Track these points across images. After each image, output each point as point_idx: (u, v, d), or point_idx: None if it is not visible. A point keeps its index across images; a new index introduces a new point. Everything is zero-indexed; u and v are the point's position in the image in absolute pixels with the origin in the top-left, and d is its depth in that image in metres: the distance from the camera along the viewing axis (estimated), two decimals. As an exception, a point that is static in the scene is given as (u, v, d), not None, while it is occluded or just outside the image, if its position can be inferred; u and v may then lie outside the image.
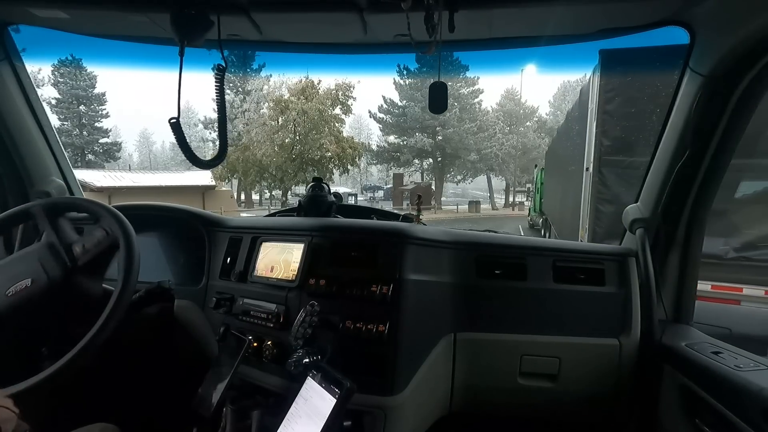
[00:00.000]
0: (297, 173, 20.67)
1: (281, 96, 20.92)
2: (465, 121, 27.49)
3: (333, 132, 20.74)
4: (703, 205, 1.23)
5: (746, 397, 0.89)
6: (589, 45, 1.20)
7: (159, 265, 1.56)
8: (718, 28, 1.01)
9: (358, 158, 23.52)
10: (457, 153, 27.84)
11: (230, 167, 20.08)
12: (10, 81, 1.44)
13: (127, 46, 1.33)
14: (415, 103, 27.53)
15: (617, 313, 1.28)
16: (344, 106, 21.57)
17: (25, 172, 1.55)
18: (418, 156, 28.94)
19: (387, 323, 1.09)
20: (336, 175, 22.77)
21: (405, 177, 30.00)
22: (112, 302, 0.94)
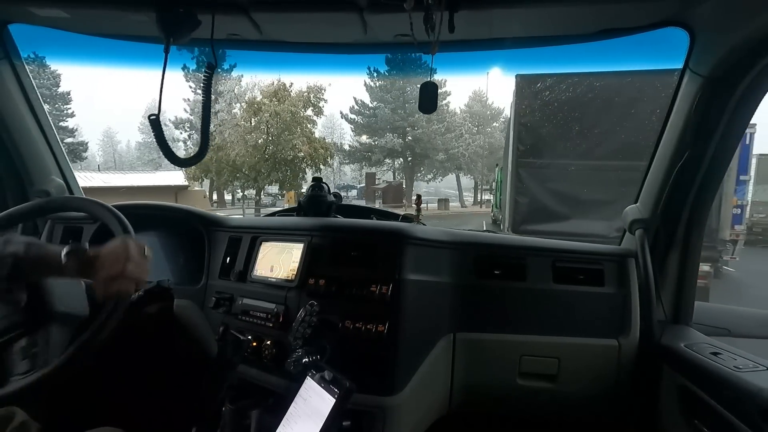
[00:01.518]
0: (270, 173, 21.06)
1: (254, 98, 21.32)
2: (433, 122, 28.22)
3: (305, 133, 21.23)
4: (702, 206, 1.23)
5: (745, 397, 0.89)
6: (590, 46, 1.20)
7: (158, 265, 1.56)
8: (718, 29, 1.01)
9: (330, 158, 24.06)
10: (426, 153, 28.68)
11: (203, 167, 20.39)
12: (10, 80, 1.44)
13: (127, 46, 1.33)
14: (385, 104, 28.30)
15: (616, 313, 1.28)
16: (315, 107, 22.07)
17: (24, 171, 1.55)
18: (389, 156, 29.65)
19: (386, 323, 1.09)
20: (309, 174, 23.08)
21: (377, 176, 30.59)
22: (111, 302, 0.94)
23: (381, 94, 28.71)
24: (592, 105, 4.67)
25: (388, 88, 28.21)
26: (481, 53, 1.30)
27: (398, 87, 28.24)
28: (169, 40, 0.98)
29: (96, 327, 0.90)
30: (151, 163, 36.65)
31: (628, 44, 1.17)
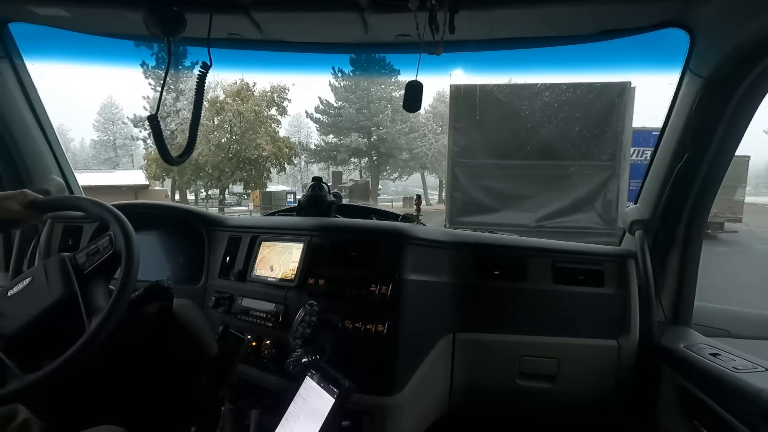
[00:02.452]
0: (234, 172, 20.88)
1: (216, 97, 21.14)
2: (397, 122, 28.40)
3: (269, 132, 21.15)
4: (702, 207, 1.23)
5: (744, 398, 0.89)
6: (589, 46, 1.20)
7: (158, 264, 1.56)
8: (718, 30, 1.01)
9: (295, 157, 24.11)
10: (390, 152, 28.81)
11: (165, 166, 19.96)
12: (10, 79, 1.43)
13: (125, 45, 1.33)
14: (350, 104, 28.37)
15: (616, 314, 1.28)
16: (279, 107, 22.00)
17: (24, 169, 1.55)
18: (354, 155, 29.74)
19: (386, 323, 1.09)
20: (273, 173, 23.10)
21: (344, 175, 30.63)
22: (112, 299, 0.94)
23: (346, 94, 28.78)
24: (518, 111, 5.46)
25: (352, 89, 28.42)
26: (482, 53, 1.30)
27: (363, 87, 28.31)
28: (169, 40, 0.98)
29: (96, 326, 0.90)
30: (107, 162, 35.91)
31: (628, 45, 1.17)
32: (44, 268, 1.02)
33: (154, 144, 1.11)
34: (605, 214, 5.38)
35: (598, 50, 1.22)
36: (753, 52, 0.97)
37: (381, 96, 28.26)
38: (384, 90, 28.42)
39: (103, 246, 1.02)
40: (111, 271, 1.02)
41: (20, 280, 1.00)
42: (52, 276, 1.00)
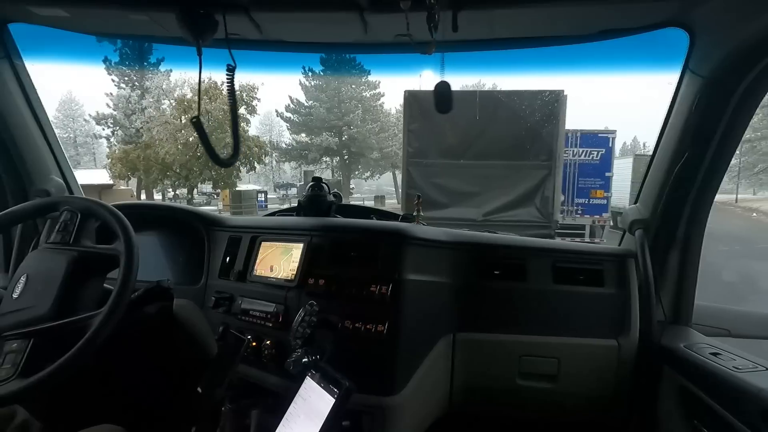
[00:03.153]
0: (203, 171, 20.53)
1: (184, 95, 20.83)
2: (368, 122, 28.47)
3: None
4: (702, 207, 1.23)
5: (745, 398, 0.89)
6: (589, 46, 1.20)
7: (158, 264, 1.56)
8: (718, 30, 1.01)
9: (265, 156, 23.79)
10: (361, 152, 28.81)
11: (130, 165, 19.80)
12: (10, 79, 1.43)
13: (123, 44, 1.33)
14: (320, 103, 28.29)
15: (616, 314, 1.28)
16: (249, 106, 21.69)
17: (24, 170, 1.55)
18: (325, 154, 29.65)
19: (386, 323, 1.09)
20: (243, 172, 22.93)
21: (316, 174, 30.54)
22: (111, 300, 0.94)
23: (316, 94, 28.66)
24: (466, 116, 5.97)
25: (323, 88, 28.45)
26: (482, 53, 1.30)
27: (333, 87, 28.25)
28: (199, 42, 0.98)
29: (97, 326, 0.90)
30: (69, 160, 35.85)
31: (627, 45, 1.17)
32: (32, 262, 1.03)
33: (202, 146, 1.11)
34: (543, 209, 6.15)
35: (598, 50, 1.22)
36: (753, 51, 0.97)
37: (352, 96, 28.20)
38: (354, 90, 28.55)
39: (67, 219, 1.06)
40: (91, 229, 1.06)
41: (16, 282, 1.00)
42: (45, 260, 1.01)
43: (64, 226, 1.05)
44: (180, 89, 22.04)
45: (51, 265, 1.00)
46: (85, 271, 1.01)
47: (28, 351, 0.87)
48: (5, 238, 1.61)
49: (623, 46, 1.18)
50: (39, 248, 1.08)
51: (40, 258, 1.04)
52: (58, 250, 1.03)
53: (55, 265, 0.99)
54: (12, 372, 0.85)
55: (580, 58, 1.34)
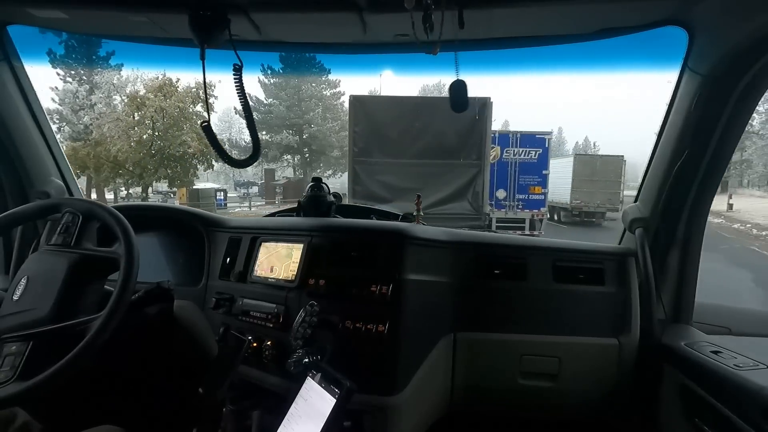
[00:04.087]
0: (158, 169, 19.87)
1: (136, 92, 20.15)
2: (328, 120, 28.49)
3: (195, 129, 19.81)
4: (702, 205, 1.23)
5: (746, 396, 0.89)
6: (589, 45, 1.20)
7: (158, 266, 1.56)
8: (717, 28, 1.01)
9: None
10: (322, 150, 28.79)
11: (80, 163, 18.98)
12: (9, 81, 1.43)
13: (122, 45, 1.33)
14: (280, 102, 28.13)
15: (617, 312, 1.28)
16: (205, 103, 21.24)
17: (24, 172, 1.55)
18: (286, 152, 29.56)
19: (387, 323, 1.09)
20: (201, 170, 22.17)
21: (277, 172, 30.34)
22: (111, 302, 0.94)
23: (276, 92, 28.16)
24: (405, 120, 6.85)
25: (282, 86, 28.35)
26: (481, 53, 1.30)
27: (293, 85, 28.15)
28: (203, 46, 0.99)
29: (97, 328, 0.90)
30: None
31: (627, 43, 1.17)
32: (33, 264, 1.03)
33: (215, 151, 1.13)
34: (474, 203, 7.01)
35: (597, 49, 1.21)
36: (752, 49, 0.97)
37: (312, 94, 28.10)
38: (315, 88, 28.49)
39: (69, 221, 1.06)
40: (92, 231, 1.06)
41: (17, 284, 1.00)
42: (46, 262, 1.01)
43: (66, 228, 1.06)
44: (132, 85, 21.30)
45: (51, 268, 1.00)
46: (86, 274, 1.01)
47: (27, 353, 0.87)
48: (5, 240, 1.61)
49: (623, 44, 1.18)
50: (40, 250, 1.08)
51: (41, 260, 1.04)
52: (58, 252, 1.03)
53: (56, 267, 0.99)
54: (11, 375, 0.85)
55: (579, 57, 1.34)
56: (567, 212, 15.43)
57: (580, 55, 1.31)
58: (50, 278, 0.98)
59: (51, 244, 1.06)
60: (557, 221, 15.84)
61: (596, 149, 65.16)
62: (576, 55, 1.31)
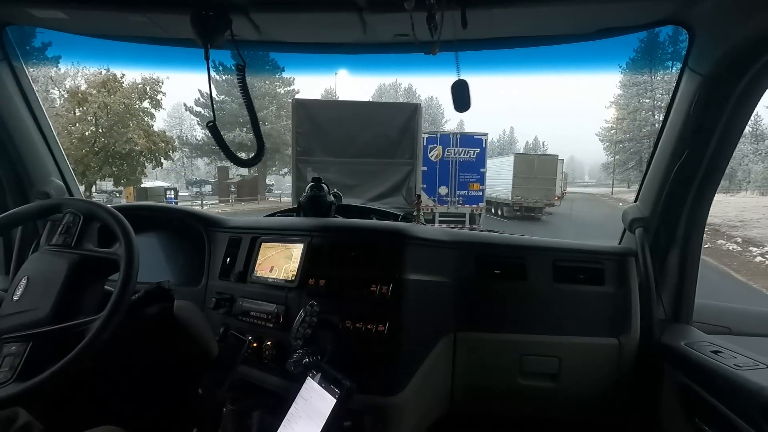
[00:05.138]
0: (102, 167, 19.15)
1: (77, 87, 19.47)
2: (283, 118, 28.28)
3: (142, 126, 19.50)
4: (702, 205, 1.23)
5: (746, 396, 0.89)
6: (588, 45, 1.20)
7: (158, 266, 1.56)
8: (717, 27, 1.01)
9: (173, 152, 22.46)
10: (277, 147, 28.37)
11: None
12: (9, 82, 1.43)
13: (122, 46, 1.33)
14: (232, 98, 27.68)
15: (617, 312, 1.28)
16: (153, 100, 20.41)
17: (24, 172, 1.55)
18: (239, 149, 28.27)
19: (387, 323, 1.09)
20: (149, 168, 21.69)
21: (231, 170, 29.61)
22: (111, 303, 0.94)
23: (228, 88, 27.50)
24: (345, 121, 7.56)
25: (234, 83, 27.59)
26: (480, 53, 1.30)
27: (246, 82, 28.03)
28: (207, 46, 0.98)
29: (97, 329, 0.90)
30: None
31: (627, 43, 1.17)
32: (33, 264, 1.03)
33: (221, 151, 1.13)
34: (408, 198, 7.59)
35: (597, 48, 1.21)
36: (752, 48, 0.97)
37: (265, 92, 27.80)
38: (269, 86, 28.26)
39: (70, 221, 1.06)
40: (93, 232, 1.06)
41: (17, 284, 1.00)
42: (46, 263, 1.01)
43: (66, 228, 1.06)
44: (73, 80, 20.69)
45: (52, 268, 1.00)
46: (86, 275, 1.01)
47: (27, 354, 0.87)
48: (5, 241, 1.61)
49: (623, 44, 1.18)
50: (40, 250, 1.08)
51: (42, 260, 1.05)
52: (59, 252, 1.03)
53: (56, 268, 0.99)
54: (9, 375, 0.85)
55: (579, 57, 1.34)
56: (509, 207, 16.74)
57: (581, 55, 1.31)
58: (50, 279, 0.98)
59: (52, 245, 1.06)
60: (500, 216, 17.35)
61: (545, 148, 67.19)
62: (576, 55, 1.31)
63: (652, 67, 35.80)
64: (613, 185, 38.77)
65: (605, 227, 13.88)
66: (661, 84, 36.76)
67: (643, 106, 38.12)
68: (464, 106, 1.01)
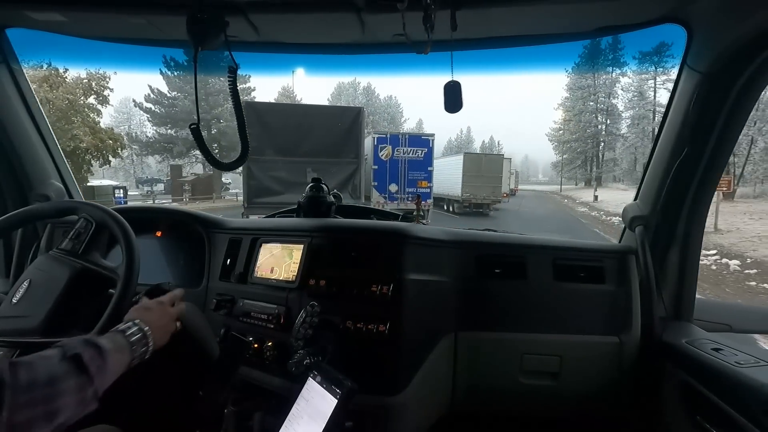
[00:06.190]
0: None
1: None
2: None
3: (87, 122, 18.85)
4: (702, 202, 1.23)
5: (747, 393, 0.89)
6: (587, 43, 1.20)
7: (159, 267, 1.56)
8: (716, 25, 1.01)
9: (122, 149, 21.66)
10: (233, 146, 27.20)
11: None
12: (8, 84, 1.43)
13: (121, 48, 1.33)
14: (185, 95, 26.96)
15: (617, 310, 1.28)
16: (99, 96, 19.85)
17: (24, 175, 1.55)
18: (193, 147, 27.59)
19: (387, 323, 1.09)
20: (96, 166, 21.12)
21: (185, 168, 28.86)
22: (112, 304, 0.94)
23: (180, 84, 26.66)
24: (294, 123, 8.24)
25: (188, 79, 26.13)
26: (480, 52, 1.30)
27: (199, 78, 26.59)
28: (197, 48, 0.97)
29: (98, 329, 0.90)
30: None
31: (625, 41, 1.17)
32: (38, 267, 1.03)
33: (201, 154, 1.11)
34: (354, 194, 8.44)
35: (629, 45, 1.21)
36: (751, 46, 0.97)
37: (220, 89, 26.70)
38: (223, 83, 27.09)
39: (82, 227, 1.06)
40: (102, 241, 1.06)
41: (18, 286, 1.00)
42: (50, 268, 1.01)
43: (77, 234, 1.06)
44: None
45: (53, 275, 1.00)
46: (84, 288, 1.01)
47: None
48: (6, 243, 1.61)
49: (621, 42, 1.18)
50: (47, 254, 1.07)
51: (46, 265, 1.04)
52: (64, 259, 1.02)
53: (58, 275, 0.99)
54: None
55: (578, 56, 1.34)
56: (459, 204, 17.53)
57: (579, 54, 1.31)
58: (50, 286, 0.98)
59: (60, 249, 1.05)
60: (452, 212, 18.28)
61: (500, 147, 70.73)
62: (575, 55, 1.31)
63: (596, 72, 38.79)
64: (562, 183, 41.58)
65: (548, 221, 16.26)
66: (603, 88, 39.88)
67: (588, 108, 40.81)
68: (455, 107, 1.00)
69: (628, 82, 38.74)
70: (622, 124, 40.09)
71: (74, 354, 0.68)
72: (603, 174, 40.93)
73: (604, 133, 41.09)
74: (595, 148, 41.73)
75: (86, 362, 0.68)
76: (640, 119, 36.69)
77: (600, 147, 41.71)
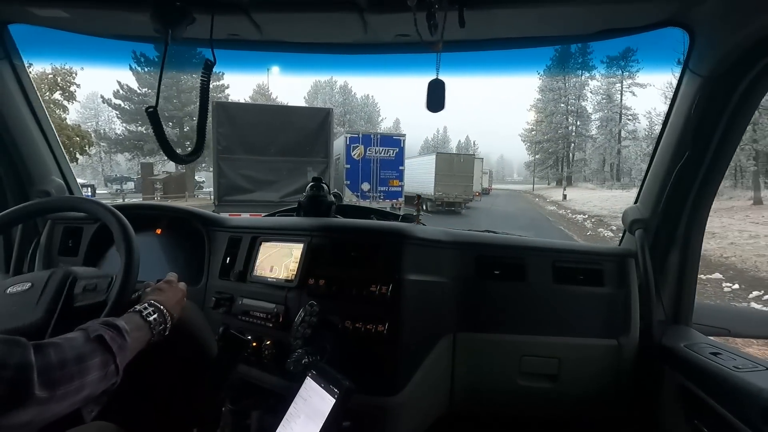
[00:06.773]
0: None
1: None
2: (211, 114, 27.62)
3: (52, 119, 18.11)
4: (702, 206, 1.23)
5: (745, 397, 0.89)
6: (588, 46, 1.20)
7: (158, 265, 1.56)
8: (717, 29, 1.01)
9: (89, 147, 20.77)
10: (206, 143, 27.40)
11: None
12: (10, 80, 1.43)
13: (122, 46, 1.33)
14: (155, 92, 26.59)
15: (616, 313, 1.28)
16: (65, 92, 19.18)
17: (24, 171, 1.55)
18: None
19: (386, 323, 1.09)
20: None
21: (157, 166, 27.75)
22: (111, 302, 0.94)
23: (151, 81, 25.86)
24: (265, 122, 8.22)
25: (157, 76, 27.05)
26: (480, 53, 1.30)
27: (171, 75, 24.95)
28: (167, 35, 0.97)
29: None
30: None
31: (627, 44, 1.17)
32: (47, 280, 1.00)
33: (156, 140, 1.08)
34: None
35: (597, 49, 1.21)
36: (752, 50, 0.97)
37: (192, 86, 25.88)
38: (195, 80, 26.51)
39: (101, 286, 1.00)
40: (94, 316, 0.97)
41: (22, 281, 0.99)
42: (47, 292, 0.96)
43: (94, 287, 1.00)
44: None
45: None
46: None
47: None
48: (6, 239, 1.61)
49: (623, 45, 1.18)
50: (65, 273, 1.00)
51: None
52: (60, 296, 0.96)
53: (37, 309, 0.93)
54: None
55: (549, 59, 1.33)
56: (432, 203, 17.72)
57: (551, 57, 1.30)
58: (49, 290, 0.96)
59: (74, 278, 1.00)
60: (424, 211, 17.86)
61: (476, 147, 71.41)
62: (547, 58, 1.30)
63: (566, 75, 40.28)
64: (534, 182, 43.02)
65: (516, 219, 17.11)
66: (573, 91, 41.05)
67: (559, 110, 41.89)
68: (438, 107, 0.99)
69: (596, 86, 40.18)
70: (591, 125, 41.50)
71: (97, 335, 0.76)
72: (573, 174, 42.05)
73: (574, 135, 42.21)
74: (566, 149, 42.80)
75: (108, 341, 0.77)
76: (607, 121, 38.05)
77: (570, 147, 42.83)
